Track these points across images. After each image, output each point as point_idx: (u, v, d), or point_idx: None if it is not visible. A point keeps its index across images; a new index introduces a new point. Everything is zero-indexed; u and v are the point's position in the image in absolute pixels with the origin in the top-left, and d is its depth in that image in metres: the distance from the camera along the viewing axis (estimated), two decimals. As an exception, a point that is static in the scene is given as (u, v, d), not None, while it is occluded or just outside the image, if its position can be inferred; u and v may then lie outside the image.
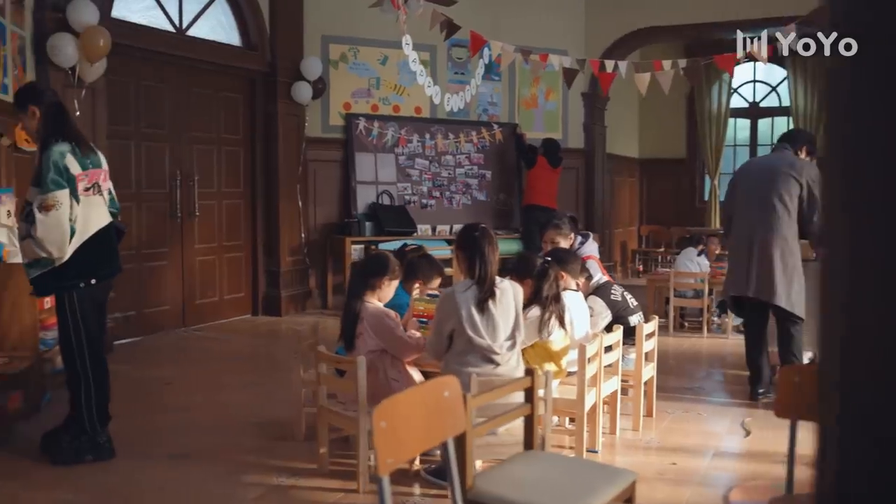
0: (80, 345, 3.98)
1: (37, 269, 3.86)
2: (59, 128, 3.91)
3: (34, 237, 3.72)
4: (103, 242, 4.02)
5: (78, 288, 3.91)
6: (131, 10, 6.97)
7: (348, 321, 3.76)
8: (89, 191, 3.94)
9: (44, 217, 3.69)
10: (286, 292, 8.36)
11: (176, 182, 7.42)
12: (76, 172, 3.84)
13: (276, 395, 5.30)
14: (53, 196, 3.72)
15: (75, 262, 3.88)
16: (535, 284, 3.92)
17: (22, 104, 3.97)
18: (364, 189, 8.91)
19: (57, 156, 3.77)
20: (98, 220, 3.99)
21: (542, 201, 9.04)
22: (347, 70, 8.94)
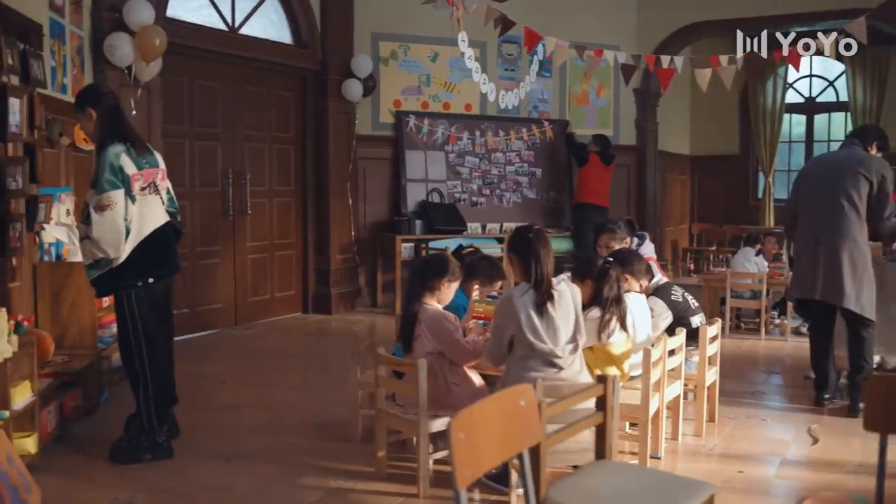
0: (138, 344, 4.00)
1: (96, 270, 3.90)
2: (115, 129, 3.94)
3: (91, 238, 3.76)
4: (160, 241, 4.03)
5: (136, 287, 3.93)
6: (185, 10, 7.00)
7: (406, 323, 3.70)
8: (145, 190, 3.96)
9: (99, 217, 3.73)
10: (336, 290, 8.35)
11: (228, 180, 7.45)
12: (131, 172, 3.87)
13: (329, 395, 5.28)
14: (108, 196, 3.75)
15: (132, 262, 3.90)
16: (595, 286, 3.82)
17: (80, 105, 4.02)
18: (414, 187, 8.86)
19: (112, 156, 3.80)
20: (155, 220, 4.00)
21: (595, 199, 8.90)
22: (398, 67, 8.89)
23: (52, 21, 5.16)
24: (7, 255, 4.36)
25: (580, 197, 9.11)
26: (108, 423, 4.51)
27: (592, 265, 3.91)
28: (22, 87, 4.51)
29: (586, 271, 3.90)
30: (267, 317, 7.94)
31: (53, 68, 5.17)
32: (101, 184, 3.76)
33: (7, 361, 3.51)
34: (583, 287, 3.84)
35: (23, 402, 3.74)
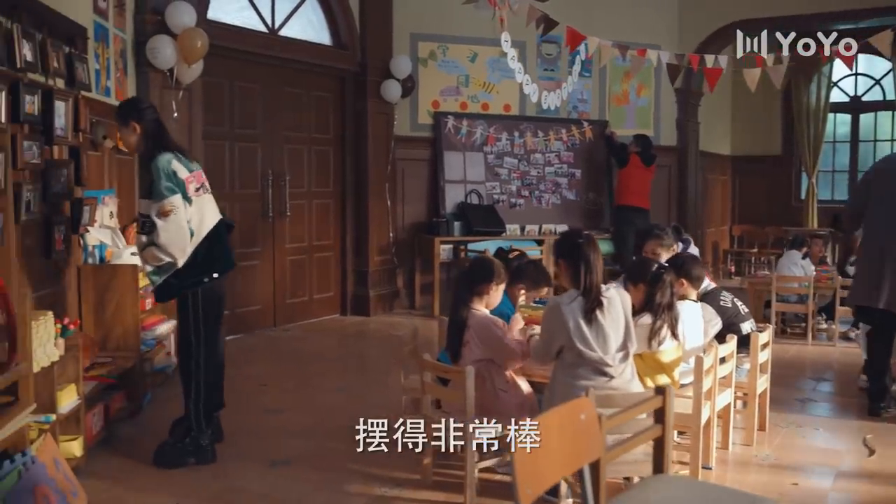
0: (197, 343, 4.07)
1: (161, 275, 3.97)
2: (160, 140, 4.04)
3: (158, 244, 3.86)
4: (217, 238, 4.12)
5: (202, 283, 4.02)
6: (226, 12, 7.00)
7: (455, 329, 3.64)
8: (199, 191, 4.05)
9: (164, 223, 3.83)
10: (374, 292, 8.32)
11: (268, 182, 7.45)
12: (184, 176, 3.95)
13: (370, 399, 5.24)
14: (169, 202, 3.84)
15: (195, 261, 3.99)
16: (648, 291, 3.73)
17: (124, 119, 4.06)
18: (452, 188, 8.80)
19: (164, 163, 3.89)
20: (211, 217, 4.09)
21: (636, 202, 8.77)
22: (436, 68, 8.84)
23: (96, 24, 5.18)
24: (52, 257, 4.38)
25: (621, 199, 8.98)
26: (152, 426, 4.52)
27: (647, 269, 3.82)
28: (67, 90, 4.53)
29: (640, 275, 3.81)
30: (305, 318, 7.92)
31: (97, 71, 5.19)
32: (160, 191, 3.85)
33: (54, 365, 3.51)
34: (635, 291, 3.76)
35: (69, 406, 3.74)
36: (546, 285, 4.45)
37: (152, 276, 4.00)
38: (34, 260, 4.17)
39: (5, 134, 3.80)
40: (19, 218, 3.94)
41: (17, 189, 3.90)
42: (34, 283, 4.18)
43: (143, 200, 3.99)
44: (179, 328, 4.16)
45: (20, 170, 3.95)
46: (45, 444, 3.34)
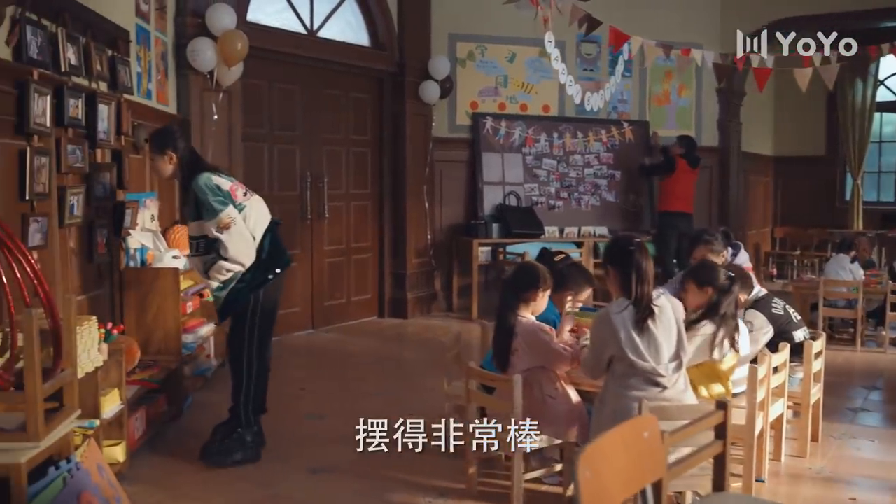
0: (251, 344, 4.12)
1: (225, 289, 4.03)
2: (197, 164, 4.12)
3: (226, 257, 3.94)
4: (273, 235, 4.18)
5: (267, 282, 4.08)
6: (265, 13, 6.99)
7: (502, 337, 3.56)
8: (247, 194, 4.11)
9: (227, 235, 3.91)
10: (412, 294, 8.27)
11: (306, 183, 7.42)
12: (227, 186, 4.01)
13: (411, 405, 5.16)
14: (226, 214, 3.91)
15: (259, 260, 4.06)
16: (714, 298, 3.61)
17: (161, 148, 4.09)
18: (491, 190, 8.72)
19: (206, 180, 3.96)
20: (265, 216, 4.16)
21: (680, 206, 8.51)
22: (475, 68, 8.77)
23: (137, 27, 5.18)
24: (94, 261, 4.37)
25: (666, 205, 8.67)
26: (193, 430, 4.50)
27: (715, 273, 3.71)
28: (110, 93, 4.53)
29: (707, 279, 3.69)
30: (343, 321, 7.89)
31: (139, 74, 5.19)
32: (212, 207, 3.91)
33: (97, 370, 3.49)
34: (699, 293, 3.65)
35: (112, 411, 3.73)
36: (590, 286, 4.35)
37: (218, 293, 4.05)
38: (77, 263, 4.17)
39: (50, 138, 3.79)
40: (63, 222, 3.94)
41: (61, 193, 3.90)
42: (77, 287, 4.17)
43: (193, 223, 4.06)
44: (234, 327, 4.17)
45: (64, 173, 3.95)
46: (89, 449, 3.32)
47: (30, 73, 3.53)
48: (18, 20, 3.50)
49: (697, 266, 4.09)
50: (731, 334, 3.55)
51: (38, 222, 3.65)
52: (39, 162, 3.65)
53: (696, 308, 3.64)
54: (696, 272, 3.83)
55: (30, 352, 2.75)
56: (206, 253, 4.03)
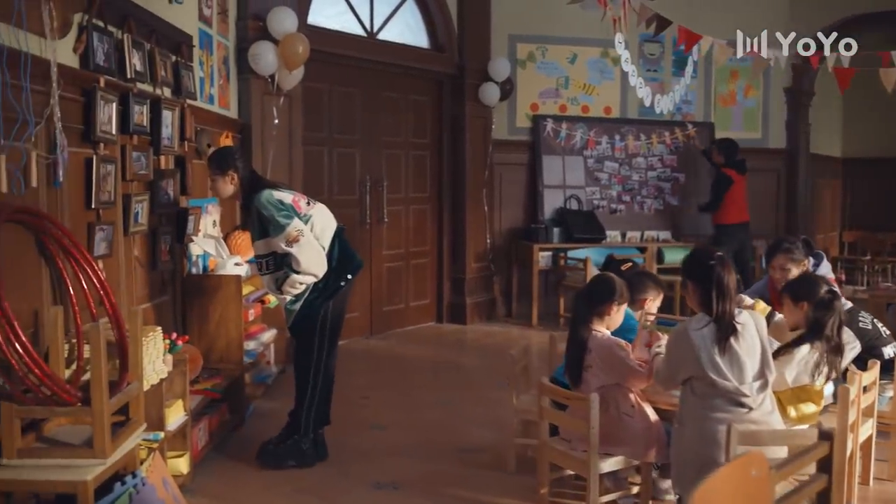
0: (319, 353, 4.10)
1: (299, 301, 4.02)
2: (258, 183, 4.09)
3: (299, 271, 3.91)
4: (341, 241, 4.16)
5: (340, 289, 4.07)
6: (325, 16, 6.93)
7: (574, 352, 3.42)
8: (310, 203, 4.07)
9: (297, 248, 3.88)
10: (471, 300, 8.14)
11: (365, 187, 7.35)
12: (290, 199, 3.99)
13: (474, 416, 5.06)
14: (293, 227, 3.88)
15: (330, 268, 4.03)
16: (814, 317, 3.41)
17: (223, 169, 4.07)
18: (551, 193, 8.56)
19: (268, 197, 3.94)
20: (331, 223, 4.13)
21: (738, 217, 8.06)
22: (535, 70, 8.61)
23: (200, 31, 5.14)
24: (158, 269, 4.33)
25: (722, 218, 8.09)
26: (255, 438, 4.43)
27: (815, 288, 3.50)
28: (174, 99, 4.48)
29: (806, 293, 3.49)
30: (401, 326, 7.80)
31: (201, 79, 5.15)
32: (279, 223, 3.89)
33: (162, 382, 3.43)
34: (795, 310, 3.47)
35: (176, 423, 3.68)
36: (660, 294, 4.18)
37: (291, 307, 4.02)
38: (141, 272, 4.13)
39: (116, 145, 3.75)
40: (128, 230, 3.90)
41: (126, 201, 3.86)
42: (142, 296, 4.14)
43: (259, 242, 4.03)
44: (302, 336, 4.12)
45: (129, 181, 3.91)
46: (154, 463, 3.27)
47: (96, 80, 3.49)
48: (85, 27, 3.46)
49: (796, 279, 3.89)
50: (835, 359, 3.35)
51: (103, 231, 3.61)
52: (105, 170, 3.61)
53: (793, 326, 3.44)
54: (793, 285, 3.62)
55: (97, 367, 2.69)
56: (277, 269, 3.99)
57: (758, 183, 9.29)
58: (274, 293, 4.15)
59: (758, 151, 9.37)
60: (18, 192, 2.88)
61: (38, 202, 3.09)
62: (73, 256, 3.07)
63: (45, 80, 3.07)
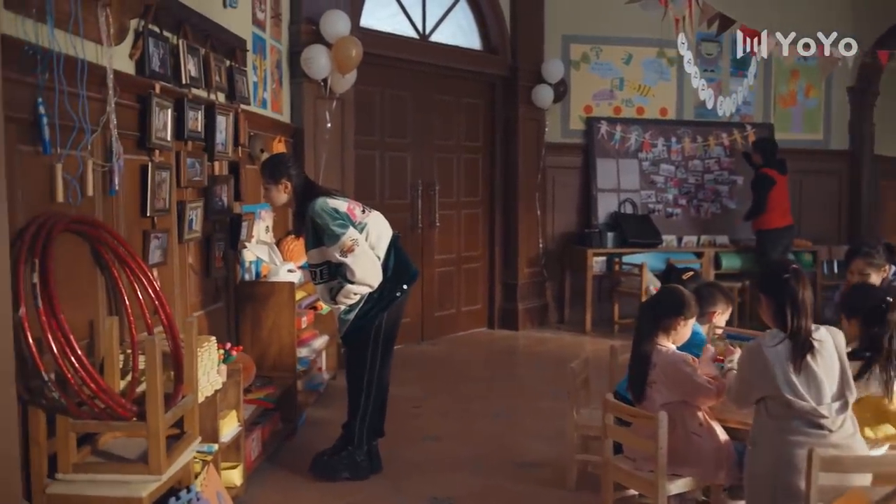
0: (373, 364, 4.01)
1: (354, 311, 3.93)
2: (311, 191, 4.03)
3: (353, 281, 3.83)
4: (397, 249, 4.07)
5: (395, 299, 3.97)
6: (377, 19, 6.86)
7: (639, 367, 3.27)
8: (365, 211, 4.00)
9: (352, 258, 3.79)
10: (523, 305, 8.01)
11: (417, 192, 7.27)
12: (345, 207, 3.91)
13: (530, 428, 4.94)
14: (348, 237, 3.79)
15: (386, 278, 3.95)
16: (868, 330, 3.23)
17: (276, 177, 4.02)
18: (605, 197, 8.39)
19: (322, 205, 3.87)
20: (387, 231, 4.04)
21: (782, 221, 7.68)
22: (589, 71, 8.45)
23: (254, 36, 5.10)
24: (211, 276, 4.29)
25: (765, 223, 7.72)
26: (308, 448, 4.38)
27: (866, 299, 3.32)
28: (228, 104, 4.44)
29: (857, 306, 3.31)
30: (453, 332, 7.71)
31: (255, 83, 5.10)
32: (333, 232, 3.80)
33: (216, 393, 3.38)
34: (848, 326, 3.28)
35: (230, 434, 3.62)
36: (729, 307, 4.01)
37: (344, 316, 3.94)
38: (195, 279, 4.08)
39: (171, 152, 3.71)
40: (182, 237, 3.85)
41: (180, 208, 3.82)
42: (195, 303, 4.09)
43: (313, 251, 3.96)
44: (356, 346, 4.04)
45: (184, 188, 3.86)
46: (209, 476, 3.21)
47: (152, 86, 3.45)
48: (141, 33, 3.42)
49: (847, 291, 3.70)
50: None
51: (158, 239, 3.56)
52: (160, 177, 3.57)
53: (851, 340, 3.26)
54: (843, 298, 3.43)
55: (152, 382, 2.64)
56: (331, 279, 3.91)
57: (819, 186, 9.03)
58: (328, 303, 4.07)
59: (819, 153, 9.11)
60: (75, 202, 2.84)
61: (94, 211, 3.05)
62: (129, 266, 3.02)
63: (102, 87, 3.02)
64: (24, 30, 2.57)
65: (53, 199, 2.74)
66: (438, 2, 7.41)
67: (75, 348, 2.50)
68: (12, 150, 2.54)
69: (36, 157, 2.66)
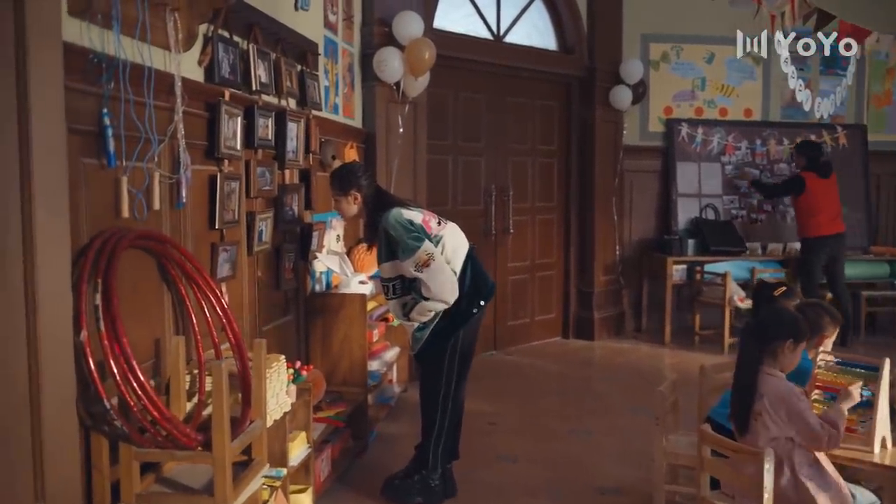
0: (448, 385, 3.81)
1: (428, 328, 3.73)
2: (384, 201, 3.84)
3: (429, 297, 3.64)
4: (474, 263, 3.86)
5: (472, 316, 3.76)
6: (451, 20, 6.67)
7: (743, 397, 2.99)
8: (441, 223, 3.79)
9: (427, 273, 3.59)
10: (599, 314, 7.73)
11: (491, 197, 7.05)
12: (420, 219, 3.72)
13: (611, 449, 4.68)
14: (423, 250, 3.59)
15: (462, 294, 3.73)
16: None
17: (345, 189, 3.87)
18: (685, 202, 8.04)
19: (397, 217, 3.68)
20: (463, 245, 3.84)
21: (827, 229, 7.16)
22: (669, 70, 8.11)
23: (325, 39, 4.95)
24: (281, 288, 4.14)
25: (808, 230, 7.25)
26: (379, 466, 4.23)
27: None
28: (299, 110, 4.29)
29: None
30: (526, 342, 7.47)
31: (326, 88, 4.95)
32: (408, 245, 3.61)
33: (286, 415, 3.21)
34: None
35: (299, 457, 3.46)
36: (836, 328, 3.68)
37: (418, 334, 3.74)
38: (265, 292, 3.93)
39: (240, 161, 3.57)
40: (252, 249, 3.71)
41: (249, 219, 3.67)
42: (264, 317, 3.95)
43: (386, 265, 3.77)
44: (430, 365, 3.84)
45: (253, 198, 3.72)
46: (277, 503, 3.06)
47: (221, 93, 3.30)
48: (210, 38, 3.28)
49: None
50: None
51: (227, 252, 3.42)
52: (229, 187, 3.43)
53: None
54: None
55: (218, 410, 2.48)
56: (404, 294, 3.72)
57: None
58: (400, 319, 3.86)
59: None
60: (140, 217, 2.70)
61: (161, 225, 2.91)
62: (196, 282, 2.88)
63: (169, 95, 2.89)
64: (90, 37, 2.44)
65: (119, 214, 2.60)
66: (513, 2, 7.18)
67: (137, 374, 2.36)
68: (76, 163, 2.41)
69: (101, 170, 2.53)
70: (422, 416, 3.91)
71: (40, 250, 2.12)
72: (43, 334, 2.14)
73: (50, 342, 2.16)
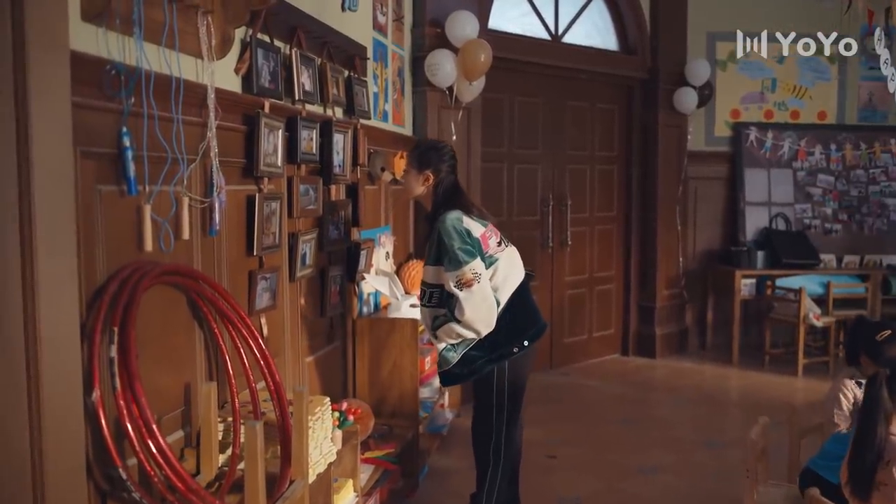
0: (499, 427, 3.40)
1: (458, 350, 3.29)
2: (453, 198, 3.42)
3: (461, 320, 3.19)
4: (524, 296, 3.41)
5: (511, 355, 3.31)
6: (507, 19, 6.28)
7: (863, 459, 2.55)
8: (500, 245, 3.37)
9: (467, 294, 3.16)
10: (661, 331, 7.28)
11: (548, 207, 6.65)
12: (479, 233, 3.29)
13: (687, 493, 4.26)
14: (470, 268, 3.17)
15: (501, 327, 3.28)
16: None
17: (421, 165, 3.48)
18: (754, 211, 7.55)
19: (454, 222, 3.26)
20: (518, 275, 3.40)
21: None
22: (736, 71, 7.62)
23: (374, 42, 4.59)
24: (326, 314, 3.79)
25: None
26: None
27: None
28: (346, 119, 3.94)
29: None
30: (584, 359, 7.05)
31: (375, 94, 4.60)
32: (456, 256, 3.19)
33: (330, 466, 2.86)
34: None
35: (345, 508, 3.11)
36: None
37: (447, 354, 3.31)
38: (307, 321, 3.59)
39: (281, 179, 3.22)
40: (294, 275, 3.36)
41: (292, 242, 3.33)
42: (307, 347, 3.61)
43: (430, 268, 3.36)
44: (478, 406, 3.48)
45: (296, 218, 3.37)
46: (320, 568, 2.71)
47: (261, 105, 2.96)
48: (249, 43, 2.94)
49: None
50: None
51: (266, 280, 3.08)
52: (269, 208, 3.09)
53: None
54: None
55: (252, 481, 2.13)
56: (439, 306, 3.32)
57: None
58: (427, 329, 3.44)
59: None
60: (167, 249, 2.37)
61: (191, 257, 2.58)
62: (231, 320, 2.54)
63: (201, 108, 2.55)
64: (107, 45, 2.11)
65: (141, 248, 2.26)
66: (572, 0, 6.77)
67: (158, 438, 2.02)
68: (90, 191, 2.08)
69: (120, 198, 2.19)
70: (475, 461, 3.53)
71: (43, 298, 1.79)
72: (47, 396, 1.81)
73: (55, 405, 1.83)
